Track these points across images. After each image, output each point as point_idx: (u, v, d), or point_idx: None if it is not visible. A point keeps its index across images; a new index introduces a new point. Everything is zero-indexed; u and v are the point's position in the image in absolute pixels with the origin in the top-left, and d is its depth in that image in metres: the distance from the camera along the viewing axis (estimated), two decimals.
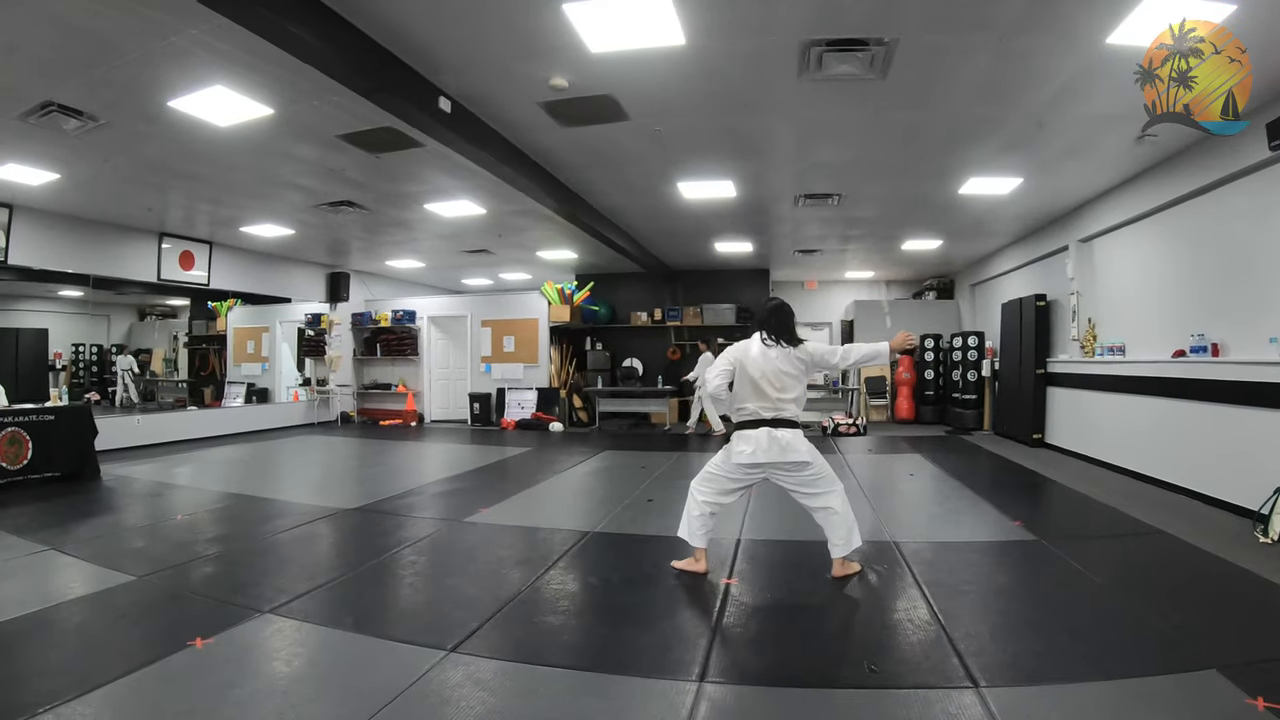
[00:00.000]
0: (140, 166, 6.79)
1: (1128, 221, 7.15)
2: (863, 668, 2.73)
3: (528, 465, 8.16)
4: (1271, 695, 2.38)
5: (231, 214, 9.13)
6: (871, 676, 2.66)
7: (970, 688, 2.54)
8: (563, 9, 3.89)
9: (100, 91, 4.88)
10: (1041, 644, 2.92)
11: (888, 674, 2.68)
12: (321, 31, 3.89)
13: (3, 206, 8.00)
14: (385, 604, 3.63)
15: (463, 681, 2.64)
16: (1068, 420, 8.34)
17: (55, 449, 6.67)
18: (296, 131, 5.87)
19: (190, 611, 3.40)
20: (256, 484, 7.04)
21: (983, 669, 2.69)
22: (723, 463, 3.85)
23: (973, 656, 2.80)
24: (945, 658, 2.81)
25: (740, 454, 3.69)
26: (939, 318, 13.45)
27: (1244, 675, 2.54)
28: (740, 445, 3.70)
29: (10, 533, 4.80)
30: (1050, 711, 2.37)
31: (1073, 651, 2.84)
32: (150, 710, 2.43)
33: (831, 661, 2.83)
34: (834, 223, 9.59)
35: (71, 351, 14.93)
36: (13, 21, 3.91)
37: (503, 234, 10.74)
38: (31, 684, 2.57)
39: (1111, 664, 2.71)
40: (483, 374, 13.63)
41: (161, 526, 5.15)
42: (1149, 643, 2.92)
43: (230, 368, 14.30)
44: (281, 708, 2.43)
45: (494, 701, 2.51)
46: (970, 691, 2.51)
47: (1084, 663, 2.74)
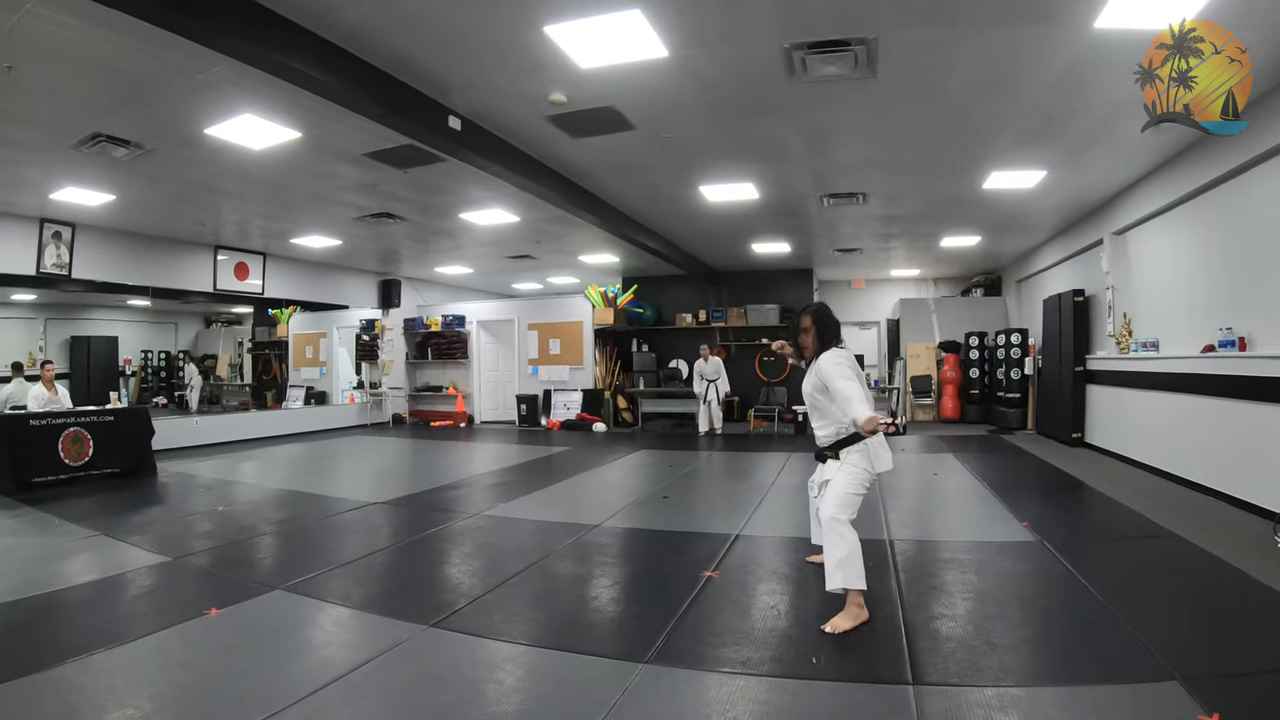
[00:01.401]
0: (188, 187, 7.34)
1: (1159, 211, 6.89)
2: (809, 658, 2.81)
3: (562, 464, 8.43)
4: (1230, 713, 2.28)
5: (280, 227, 9.72)
6: (811, 667, 2.75)
7: (908, 685, 2.57)
8: (544, 31, 4.10)
9: (142, 123, 5.38)
10: (1002, 646, 2.90)
11: (829, 667, 2.75)
12: (330, 66, 4.22)
13: (66, 225, 8.74)
14: (384, 585, 3.94)
15: (427, 654, 2.94)
16: (1106, 419, 8.08)
17: (114, 447, 7.29)
18: (326, 151, 6.27)
19: (212, 587, 3.82)
20: (300, 480, 7.54)
21: (929, 667, 2.71)
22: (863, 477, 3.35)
23: (924, 654, 2.83)
24: (895, 654, 2.85)
25: (886, 460, 3.34)
26: (985, 315, 13.12)
27: (1206, 689, 2.45)
28: (883, 451, 3.34)
29: (69, 520, 5.35)
30: (977, 713, 2.36)
31: (1032, 655, 2.82)
32: (160, 660, 2.90)
33: (779, 651, 2.91)
34: (865, 221, 9.53)
35: (140, 358, 16.03)
36: (58, 67, 4.39)
37: (541, 240, 11.04)
38: (71, 639, 3.06)
39: (1069, 670, 2.68)
40: (530, 376, 13.96)
41: (203, 517, 5.62)
42: (1117, 650, 2.84)
43: (291, 372, 15.07)
44: (266, 664, 2.84)
45: (447, 668, 2.81)
46: (908, 689, 2.54)
47: (1041, 667, 2.72)
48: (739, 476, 7.48)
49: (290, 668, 2.79)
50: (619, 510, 5.70)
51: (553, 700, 2.53)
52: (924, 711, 2.37)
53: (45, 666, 2.74)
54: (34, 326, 14.05)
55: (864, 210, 8.79)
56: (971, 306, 13.65)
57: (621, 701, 2.48)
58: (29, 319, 14.04)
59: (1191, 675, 2.56)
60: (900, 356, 13.75)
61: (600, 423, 12.60)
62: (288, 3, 3.78)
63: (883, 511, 5.40)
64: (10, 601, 3.53)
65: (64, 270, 8.79)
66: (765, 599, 3.59)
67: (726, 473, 7.82)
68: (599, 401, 12.99)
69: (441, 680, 2.72)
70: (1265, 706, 2.40)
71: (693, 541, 4.69)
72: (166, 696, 2.55)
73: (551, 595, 3.74)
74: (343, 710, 2.46)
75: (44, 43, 4.04)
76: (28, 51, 4.15)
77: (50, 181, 7.03)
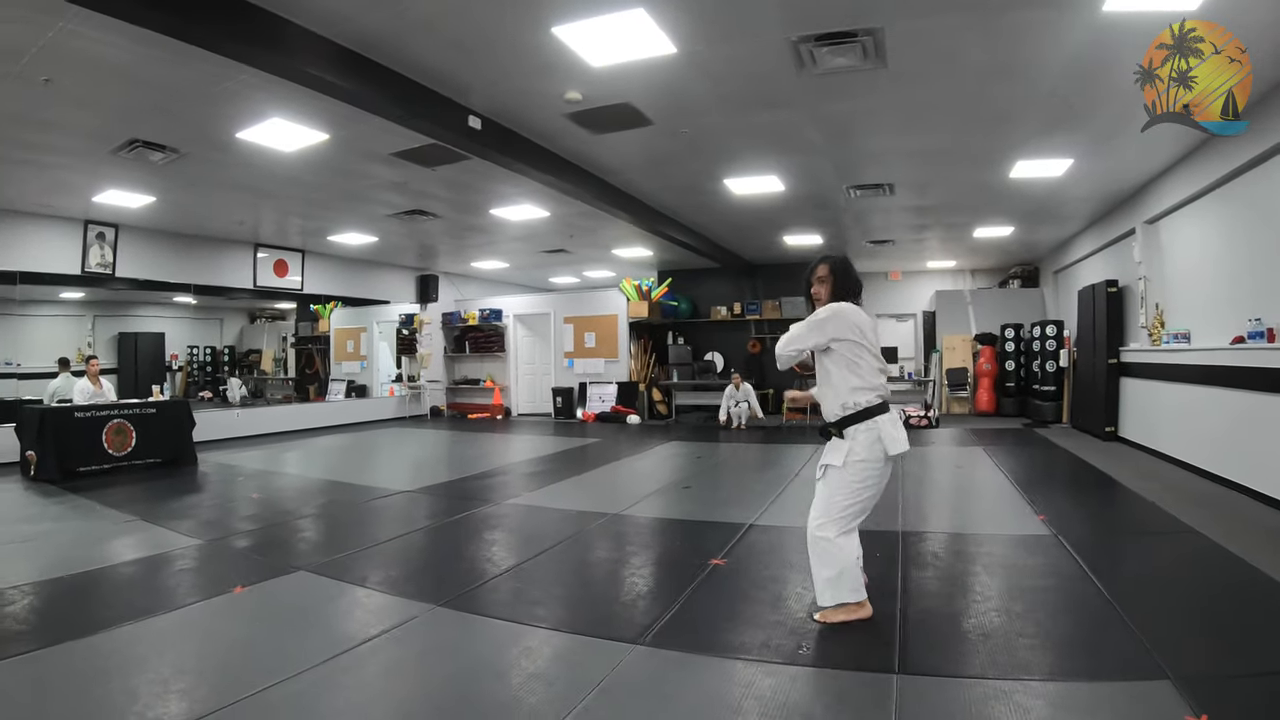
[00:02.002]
0: (224, 188, 7.66)
1: (1189, 199, 6.69)
2: (798, 646, 2.87)
3: (592, 455, 8.58)
4: (1219, 714, 2.23)
5: (317, 225, 10.03)
6: (799, 654, 2.80)
7: (893, 674, 2.59)
8: (553, 32, 4.19)
9: (177, 128, 5.65)
10: (994, 639, 2.89)
11: (819, 654, 2.80)
12: (348, 71, 4.40)
13: (109, 226, 9.15)
14: (402, 567, 4.13)
15: (431, 631, 3.12)
16: (1139, 413, 7.89)
17: (156, 438, 7.66)
18: (354, 152, 6.48)
19: (239, 567, 4.07)
20: (335, 470, 7.85)
21: (917, 658, 2.72)
22: (871, 471, 3.02)
23: (915, 645, 2.83)
24: (883, 644, 2.85)
25: (899, 442, 2.99)
26: (1022, 306, 12.86)
27: (1199, 689, 2.39)
28: (896, 432, 3.01)
29: (110, 506, 5.68)
30: (963, 703, 2.37)
31: (1023, 649, 2.79)
32: (186, 631, 3.15)
33: (771, 637, 2.97)
34: (895, 212, 9.43)
35: (186, 353, 16.68)
36: (93, 78, 4.66)
37: (574, 234, 11.16)
38: (106, 611, 3.33)
39: (1059, 665, 2.66)
40: (566, 369, 14.09)
41: (237, 503, 5.92)
42: (1113, 647, 2.79)
43: (332, 366, 15.51)
44: (283, 636, 3.06)
45: (450, 644, 3.00)
46: (892, 678, 2.56)
47: (1030, 661, 2.69)
48: (764, 467, 7.52)
49: (305, 640, 2.98)
50: (640, 500, 5.82)
51: (546, 675, 2.65)
52: (904, 701, 2.40)
53: (82, 635, 2.98)
54: (82, 323, 14.75)
55: (892, 201, 8.71)
56: (1008, 298, 13.39)
57: (609, 679, 2.59)
58: (77, 316, 14.74)
59: (1186, 675, 2.50)
60: (936, 349, 13.57)
61: (634, 415, 12.70)
62: (303, 11, 3.94)
63: (901, 502, 5.41)
64: (53, 579, 3.80)
65: (108, 270, 9.21)
66: (767, 586, 3.65)
67: (753, 464, 7.85)
68: (634, 394, 13.10)
69: (443, 654, 2.88)
70: (1256, 710, 2.35)
71: (707, 530, 4.78)
72: (188, 663, 2.76)
73: (560, 580, 3.87)
74: (347, 679, 2.63)
75: (78, 56, 4.28)
76: (64, 65, 4.40)
77: (92, 185, 7.39)
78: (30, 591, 3.59)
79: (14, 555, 4.28)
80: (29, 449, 7.05)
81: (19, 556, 4.24)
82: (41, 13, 3.66)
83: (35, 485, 6.68)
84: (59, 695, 2.48)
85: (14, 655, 2.79)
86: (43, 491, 6.36)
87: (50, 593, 3.60)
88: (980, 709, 2.34)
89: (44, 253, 8.68)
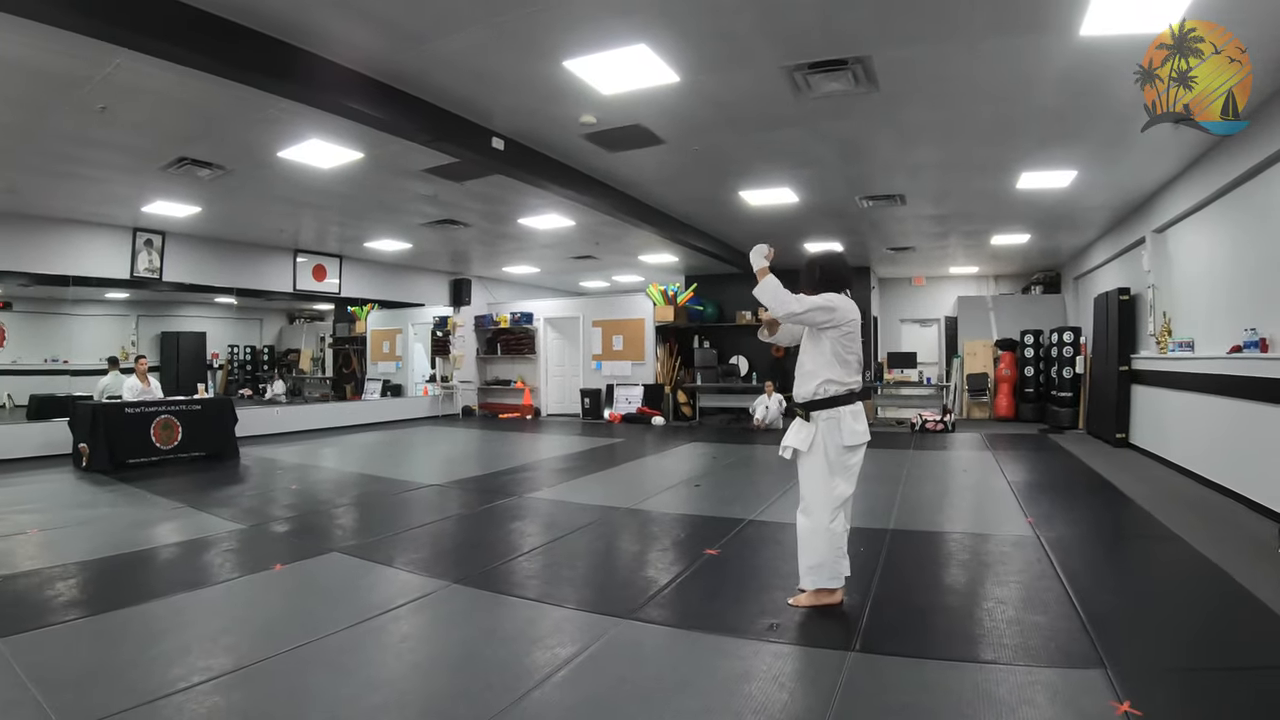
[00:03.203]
0: (266, 200, 8.20)
1: (1194, 209, 6.79)
2: (769, 624, 3.17)
3: (613, 454, 8.96)
4: (1141, 702, 2.36)
5: (354, 232, 10.58)
6: (762, 631, 3.10)
7: (847, 651, 2.85)
8: (564, 65, 4.57)
9: (221, 148, 6.18)
10: (947, 624, 3.15)
11: (782, 633, 3.09)
12: (379, 102, 4.85)
13: (156, 234, 9.76)
14: (424, 550, 4.56)
15: (447, 603, 3.53)
16: (1147, 420, 7.98)
17: (201, 433, 8.22)
18: (387, 169, 6.94)
19: (278, 548, 4.55)
20: (369, 464, 8.34)
21: (873, 639, 2.97)
22: (834, 457, 3.29)
23: (873, 629, 3.09)
24: (846, 626, 3.13)
25: (857, 434, 3.28)
26: (1043, 313, 12.91)
27: (1131, 680, 2.53)
28: (856, 425, 3.29)
29: (159, 495, 6.19)
30: (905, 679, 2.61)
31: (976, 636, 3.01)
32: (229, 602, 3.59)
33: (742, 616, 3.29)
34: (909, 220, 9.59)
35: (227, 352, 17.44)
36: (145, 105, 5.16)
37: (600, 241, 11.51)
38: (160, 583, 3.83)
39: (1002, 651, 2.83)
40: (594, 371, 14.45)
41: (276, 493, 6.42)
42: (1060, 638, 2.95)
43: (369, 366, 16.11)
44: (315, 606, 3.50)
45: (459, 614, 3.39)
46: (849, 655, 2.81)
47: (975, 645, 2.91)
48: (774, 468, 7.71)
49: (334, 609, 3.40)
50: (651, 496, 6.18)
51: (543, 640, 3.05)
52: (852, 675, 2.65)
53: (137, 603, 3.44)
54: (127, 323, 15.58)
55: (906, 210, 8.90)
56: (1029, 304, 13.45)
57: (596, 646, 2.95)
58: (122, 316, 15.56)
59: (1123, 666, 2.65)
60: (958, 354, 13.69)
61: (659, 416, 13.04)
62: (338, 52, 4.39)
63: (897, 502, 5.67)
64: (107, 556, 4.27)
65: (155, 274, 9.82)
66: (750, 575, 3.94)
67: (765, 464, 8.09)
68: (659, 396, 13.42)
69: (454, 622, 3.30)
70: (1180, 700, 2.48)
71: (707, 524, 5.10)
72: (232, 626, 3.20)
73: (565, 564, 4.24)
74: (369, 639, 3.05)
75: (132, 87, 4.77)
76: (119, 94, 4.89)
77: (141, 197, 7.93)
78: (88, 567, 4.05)
79: (72, 536, 4.76)
80: (82, 442, 7.57)
81: (77, 538, 4.71)
82: (100, 51, 4.04)
83: (88, 476, 7.17)
84: (120, 650, 2.91)
85: (76, 618, 3.23)
86: (95, 481, 6.88)
87: (106, 568, 4.05)
88: (918, 684, 2.58)
89: (96, 258, 9.28)
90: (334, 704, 2.46)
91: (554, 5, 3.86)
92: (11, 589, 3.65)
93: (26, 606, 3.39)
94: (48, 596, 3.54)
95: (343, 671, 2.72)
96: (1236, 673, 2.69)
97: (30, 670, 2.65)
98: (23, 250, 8.67)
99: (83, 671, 2.68)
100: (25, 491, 6.39)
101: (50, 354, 14.05)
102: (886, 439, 10.10)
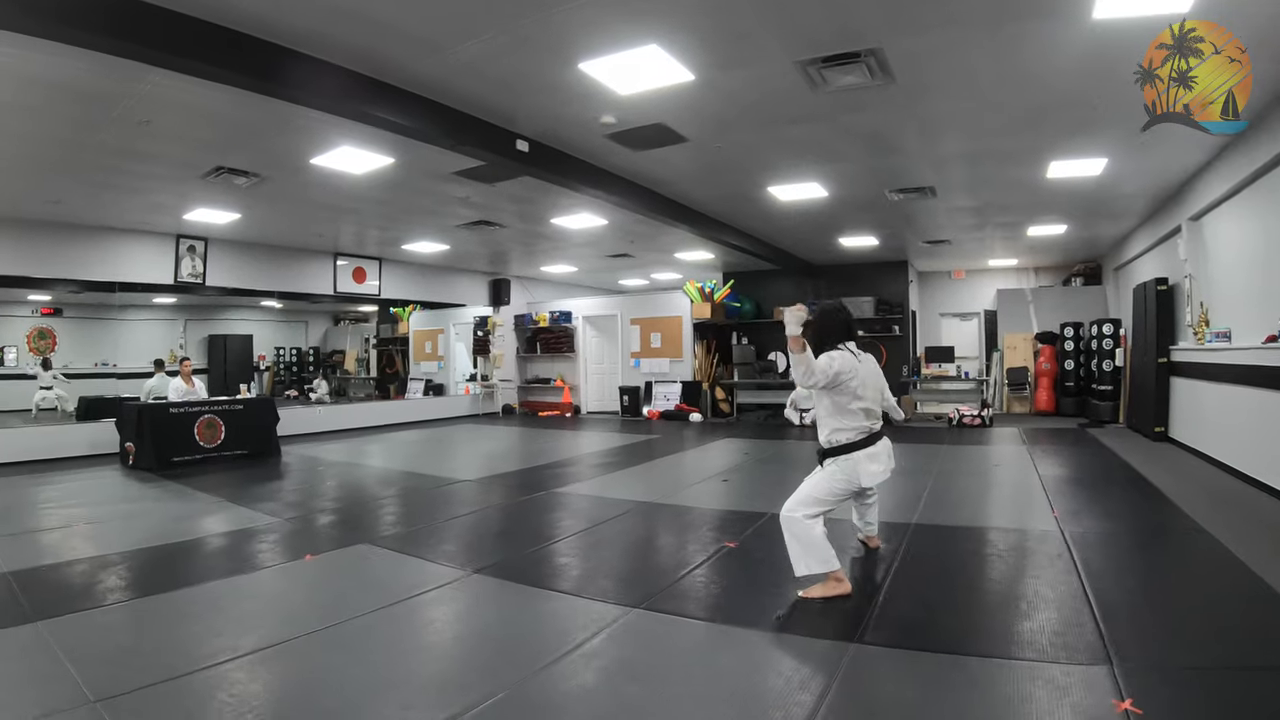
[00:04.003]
0: (303, 205, 8.47)
1: (1228, 195, 6.55)
2: (776, 615, 3.21)
3: (647, 450, 9.06)
4: (1143, 700, 2.32)
5: (392, 235, 10.86)
6: (766, 621, 3.15)
7: (849, 642, 2.87)
8: (580, 68, 4.66)
9: (257, 157, 6.44)
10: (954, 618, 3.14)
11: (787, 623, 3.13)
12: (403, 109, 4.98)
13: (199, 240, 10.13)
14: (447, 542, 4.74)
15: (467, 589, 3.71)
16: (1186, 413, 7.74)
17: (243, 432, 8.54)
18: (418, 173, 7.13)
19: (310, 540, 4.75)
20: (405, 461, 8.61)
21: (877, 631, 2.99)
22: (840, 486, 3.57)
23: (880, 620, 3.11)
24: (853, 618, 3.13)
25: (873, 475, 3.54)
26: (1083, 304, 12.58)
27: (1135, 677, 2.49)
28: (871, 466, 3.54)
29: (200, 491, 6.49)
30: (904, 672, 2.65)
31: (979, 629, 3.01)
32: (263, 585, 3.87)
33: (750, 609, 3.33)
34: (942, 213, 9.44)
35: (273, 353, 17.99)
36: (182, 118, 5.43)
37: (634, 240, 11.59)
38: (197, 570, 4.08)
39: (1008, 646, 2.81)
40: (632, 369, 14.52)
41: (313, 488, 6.71)
42: (1069, 634, 2.91)
43: (411, 365, 16.48)
44: (340, 592, 3.71)
45: (476, 602, 3.57)
46: (851, 646, 2.83)
47: (981, 639, 2.89)
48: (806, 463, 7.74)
49: (359, 595, 3.57)
50: (679, 490, 6.27)
51: (555, 625, 3.20)
52: (852, 665, 2.68)
53: (175, 588, 3.69)
54: (175, 326, 16.24)
55: (938, 203, 8.77)
56: (1070, 296, 13.13)
57: (606, 630, 3.07)
58: (171, 319, 16.22)
59: (1130, 663, 2.60)
60: (997, 348, 13.45)
61: (696, 413, 13.07)
62: (360, 61, 4.55)
63: (924, 497, 5.65)
64: (151, 546, 4.55)
65: (198, 279, 10.22)
66: (764, 566, 3.98)
67: (797, 459, 8.01)
68: (697, 393, 13.46)
69: (470, 606, 3.50)
70: (1185, 699, 2.43)
71: (730, 518, 5.16)
72: (262, 609, 3.43)
73: (584, 555, 4.36)
74: (388, 622, 3.22)
75: (170, 101, 5.02)
76: (158, 108, 5.16)
77: (183, 205, 8.24)
78: (133, 556, 4.32)
79: (118, 528, 5.04)
80: (128, 441, 7.93)
81: (123, 529, 4.98)
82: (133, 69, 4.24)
83: (134, 473, 7.52)
84: (153, 631, 3.12)
85: (120, 601, 3.48)
86: (141, 478, 7.20)
87: (149, 557, 4.31)
88: (916, 677, 2.61)
89: (141, 264, 9.68)
90: (345, 681, 2.62)
91: (564, 10, 3.94)
92: (56, 577, 3.92)
93: (69, 592, 3.64)
94: (89, 583, 3.78)
95: (358, 652, 2.87)
96: (1246, 672, 2.63)
97: (68, 649, 2.86)
98: (71, 258, 9.09)
99: (117, 650, 2.90)
100: (74, 488, 6.75)
101: (100, 358, 14.77)
102: (922, 434, 10.01)
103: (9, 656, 2.83)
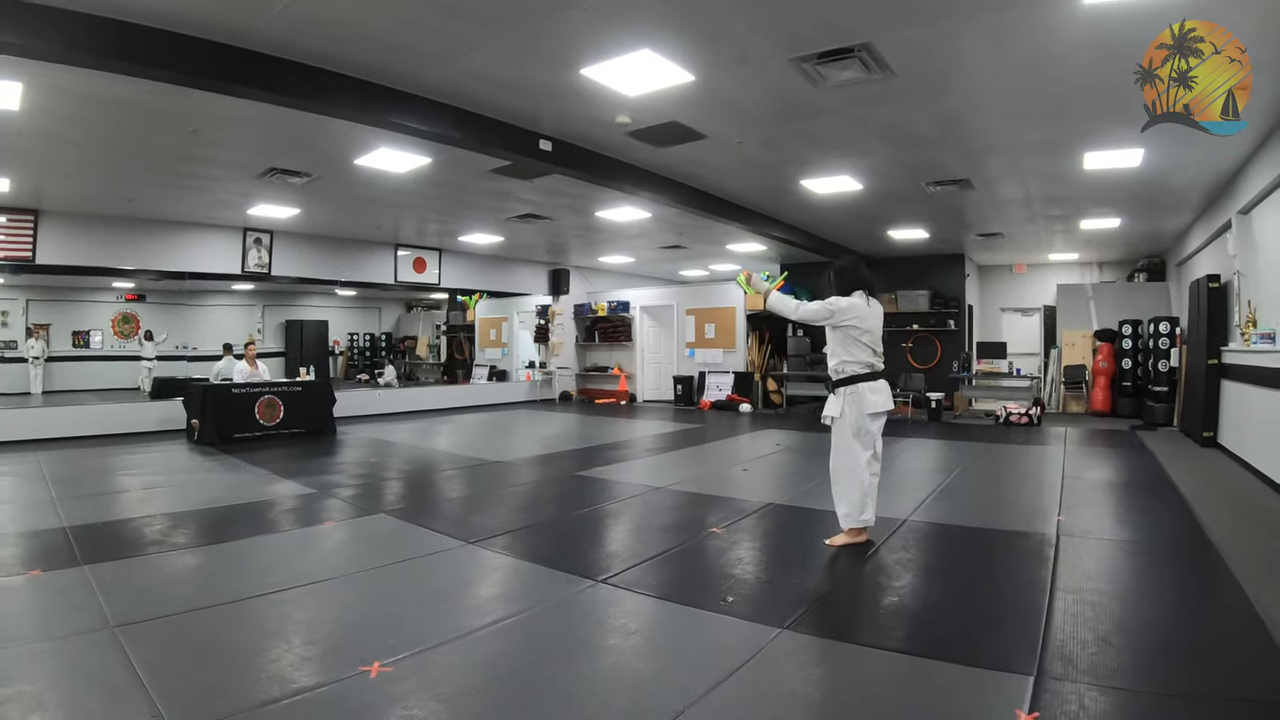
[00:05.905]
0: (356, 200, 9.01)
1: (1274, 186, 6.18)
2: (724, 598, 3.39)
3: (687, 439, 9.31)
4: (1049, 714, 2.28)
5: (447, 228, 11.40)
6: (718, 604, 3.31)
7: (777, 628, 2.98)
8: (582, 73, 4.90)
9: (305, 159, 7.00)
10: (900, 616, 3.18)
11: (733, 606, 3.29)
12: (422, 115, 5.37)
13: (264, 232, 10.88)
14: (455, 515, 5.17)
15: (478, 561, 4.10)
16: (1234, 418, 7.34)
17: (301, 412, 9.26)
18: (456, 170, 7.51)
19: (335, 508, 5.30)
20: (450, 442, 9.18)
21: (812, 621, 3.09)
22: (854, 420, 4.15)
23: (819, 611, 3.21)
24: (792, 606, 3.24)
25: (874, 404, 4.12)
26: (1145, 301, 11.98)
27: (1052, 692, 2.42)
28: (873, 396, 4.13)
29: (253, 464, 7.19)
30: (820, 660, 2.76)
31: (921, 628, 3.04)
32: (286, 547, 4.38)
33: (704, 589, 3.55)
34: (987, 205, 9.23)
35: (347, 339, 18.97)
36: (230, 126, 5.98)
37: (683, 232, 11.73)
38: (234, 530, 4.65)
39: (938, 646, 2.80)
40: (687, 358, 14.76)
41: (356, 465, 7.27)
42: (1007, 641, 2.86)
43: (477, 352, 17.15)
44: (350, 554, 4.27)
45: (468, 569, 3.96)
46: (779, 631, 2.95)
47: (917, 639, 2.91)
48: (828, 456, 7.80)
49: (366, 555, 4.17)
50: (691, 477, 6.49)
51: (521, 592, 3.57)
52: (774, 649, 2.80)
53: (221, 541, 4.38)
54: (253, 312, 17.36)
55: (978, 195, 8.58)
56: (1131, 292, 12.54)
57: (563, 600, 3.39)
58: (249, 305, 17.35)
59: (1054, 678, 2.52)
60: (1055, 345, 13.03)
61: (746, 404, 13.20)
62: (377, 73, 4.94)
63: (934, 492, 5.71)
64: (207, 508, 5.24)
65: (264, 269, 11.00)
66: (740, 552, 4.18)
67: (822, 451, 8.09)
68: (749, 384, 13.59)
69: (457, 572, 3.90)
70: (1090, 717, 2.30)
71: (728, 505, 5.32)
72: (285, 561, 4.03)
73: (572, 533, 4.69)
74: (383, 578, 3.76)
75: (211, 114, 5.58)
76: (205, 119, 5.75)
77: (246, 201, 8.88)
78: (192, 516, 5.00)
79: (181, 493, 5.78)
80: (193, 418, 8.71)
81: (185, 495, 5.72)
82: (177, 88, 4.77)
83: (197, 447, 8.28)
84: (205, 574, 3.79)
85: (180, 549, 4.19)
86: (203, 452, 7.97)
87: (205, 517, 4.97)
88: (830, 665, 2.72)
89: (211, 255, 10.45)
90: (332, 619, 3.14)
91: (552, 21, 4.17)
92: (108, 531, 4.56)
93: (116, 544, 4.25)
94: (138, 537, 4.41)
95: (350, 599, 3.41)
96: (1173, 699, 2.45)
97: (104, 587, 3.43)
98: (147, 250, 9.97)
99: (145, 588, 3.48)
100: (142, 459, 7.55)
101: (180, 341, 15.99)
102: (963, 431, 9.87)
103: (51, 591, 3.41)
